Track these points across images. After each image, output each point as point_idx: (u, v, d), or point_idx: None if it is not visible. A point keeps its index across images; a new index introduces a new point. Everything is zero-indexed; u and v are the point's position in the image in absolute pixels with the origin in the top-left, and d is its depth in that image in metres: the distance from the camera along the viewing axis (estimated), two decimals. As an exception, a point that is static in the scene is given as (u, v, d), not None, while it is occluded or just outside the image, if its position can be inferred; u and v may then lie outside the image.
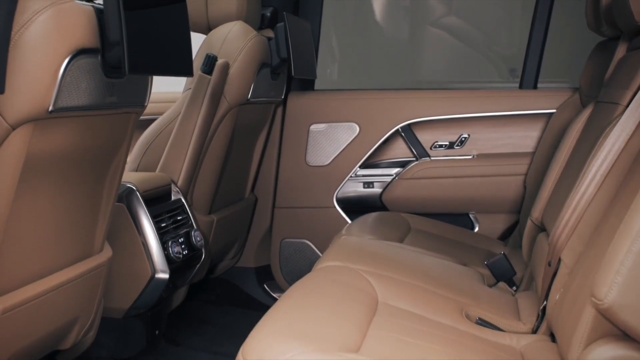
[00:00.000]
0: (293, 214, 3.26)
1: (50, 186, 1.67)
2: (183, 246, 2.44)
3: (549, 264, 1.91)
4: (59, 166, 1.67)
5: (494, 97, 3.15)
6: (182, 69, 1.85)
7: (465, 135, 3.14)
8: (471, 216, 3.15)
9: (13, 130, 1.46)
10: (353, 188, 3.21)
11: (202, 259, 2.58)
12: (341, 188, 3.20)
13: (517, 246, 2.78)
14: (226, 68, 2.57)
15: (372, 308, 1.74)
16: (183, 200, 2.54)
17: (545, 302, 1.88)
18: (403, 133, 3.16)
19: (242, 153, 2.98)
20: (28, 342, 1.76)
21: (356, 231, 2.61)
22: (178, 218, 2.49)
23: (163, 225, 2.39)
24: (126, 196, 2.30)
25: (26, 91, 1.45)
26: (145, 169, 2.64)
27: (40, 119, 1.50)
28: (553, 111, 2.99)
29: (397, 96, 3.22)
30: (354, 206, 3.20)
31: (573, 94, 2.97)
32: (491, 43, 4.36)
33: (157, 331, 2.60)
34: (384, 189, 3.17)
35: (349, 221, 3.12)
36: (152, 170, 2.60)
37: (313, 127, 3.20)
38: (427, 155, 3.16)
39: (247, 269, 3.30)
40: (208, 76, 2.51)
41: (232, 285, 3.28)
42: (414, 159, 3.17)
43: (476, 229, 3.15)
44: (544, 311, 1.88)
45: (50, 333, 1.86)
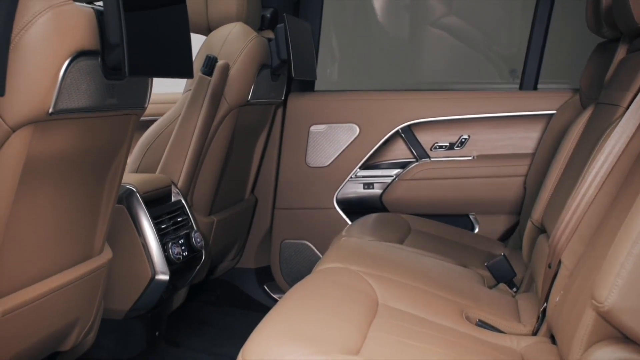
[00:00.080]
0: (293, 215, 3.26)
1: (50, 188, 1.67)
2: (183, 247, 2.44)
3: (549, 266, 1.91)
4: (59, 168, 1.67)
5: (494, 98, 3.15)
6: (182, 71, 1.84)
7: (465, 136, 3.13)
8: (471, 217, 3.15)
9: (13, 132, 1.46)
10: (353, 189, 3.21)
11: (202, 260, 2.58)
12: (341, 189, 3.20)
13: (517, 247, 2.78)
14: (226, 69, 2.57)
15: (373, 310, 1.74)
16: (183, 201, 2.54)
17: (545, 304, 1.88)
18: (403, 134, 3.16)
19: (242, 154, 2.98)
20: (28, 344, 1.76)
21: (356, 232, 2.61)
22: (178, 219, 2.49)
23: (163, 226, 2.39)
24: (126, 197, 2.30)
25: (26, 93, 1.45)
26: (145, 170, 2.64)
27: (40, 121, 1.49)
28: (553, 112, 2.99)
29: (397, 97, 3.22)
30: (354, 207, 3.20)
31: (573, 95, 2.97)
32: (491, 43, 4.35)
33: (157, 332, 2.59)
34: (384, 190, 3.17)
35: (349, 222, 3.12)
36: (153, 171, 2.60)
37: (313, 128, 3.20)
38: (427, 156, 3.16)
39: (247, 270, 3.30)
40: (208, 77, 2.51)
41: (232, 286, 3.28)
42: (414, 160, 3.16)
43: (476, 230, 3.15)
44: (544, 313, 1.88)
45: (50, 335, 1.85)
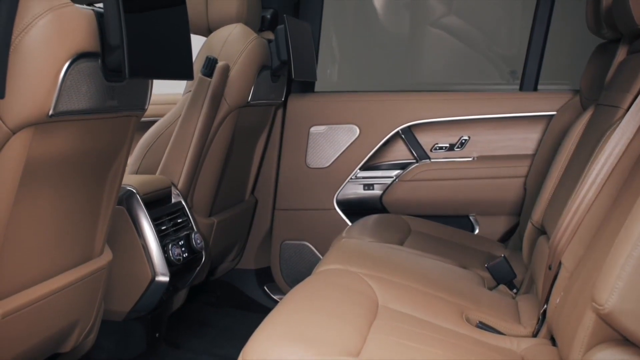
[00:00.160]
0: (293, 216, 3.26)
1: (50, 190, 1.67)
2: (183, 249, 2.44)
3: (550, 268, 1.91)
4: (59, 170, 1.67)
5: (494, 99, 3.15)
6: (183, 72, 1.84)
7: (465, 137, 3.13)
8: (471, 218, 3.15)
9: (13, 134, 1.46)
10: (353, 190, 3.21)
11: (202, 262, 2.58)
12: (341, 190, 3.20)
13: (518, 248, 2.78)
14: (226, 70, 2.57)
15: (373, 311, 1.74)
16: (183, 202, 2.54)
17: (545, 306, 1.88)
18: (403, 135, 3.16)
19: (243, 155, 2.98)
20: (28, 346, 1.76)
21: (356, 233, 2.61)
22: (178, 221, 2.49)
23: (163, 228, 2.39)
24: (126, 199, 2.30)
25: (26, 95, 1.45)
26: (145, 172, 2.64)
27: (40, 123, 1.50)
28: (553, 113, 2.99)
29: (397, 98, 3.21)
30: (354, 208, 3.20)
31: (573, 97, 2.97)
32: (491, 43, 4.35)
33: (158, 334, 2.59)
34: (384, 191, 3.17)
35: (349, 223, 3.12)
36: (153, 172, 2.60)
37: (313, 129, 3.20)
38: (428, 157, 3.16)
39: (248, 271, 3.30)
40: (208, 79, 2.51)
41: (233, 287, 3.28)
42: (414, 161, 3.16)
43: (476, 231, 3.15)
44: (545, 314, 1.88)
45: (50, 336, 1.85)
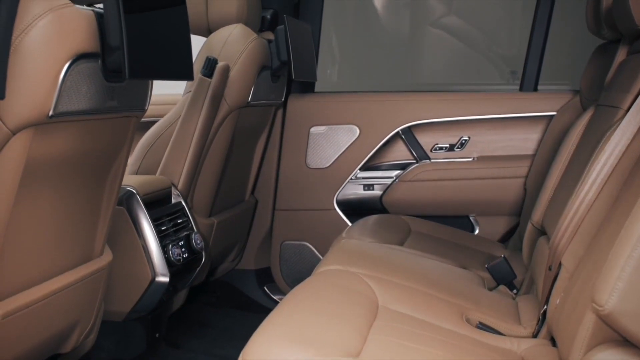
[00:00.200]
0: (293, 217, 3.26)
1: (50, 190, 1.67)
2: (183, 249, 2.44)
3: (550, 268, 1.91)
4: (59, 171, 1.67)
5: (495, 100, 3.15)
6: (183, 73, 1.84)
7: (465, 137, 3.13)
8: (471, 219, 3.15)
9: (13, 135, 1.46)
10: (353, 190, 3.21)
11: (203, 262, 2.58)
12: (341, 190, 3.20)
13: (518, 249, 2.78)
14: (226, 71, 2.57)
15: (373, 312, 1.74)
16: (183, 203, 2.54)
17: (545, 306, 1.88)
18: (403, 135, 3.16)
19: (243, 156, 2.98)
20: (28, 346, 1.76)
21: (356, 234, 2.61)
22: (178, 221, 2.49)
23: (163, 228, 2.39)
24: (126, 199, 2.30)
25: (26, 96, 1.44)
26: (145, 172, 2.64)
27: (40, 124, 1.49)
28: (553, 114, 2.99)
29: (398, 98, 3.21)
30: (354, 208, 3.20)
31: (573, 97, 2.97)
32: (492, 44, 4.35)
33: (158, 334, 2.59)
34: (384, 192, 3.17)
35: (349, 223, 3.12)
36: (153, 172, 2.60)
37: (313, 130, 3.20)
38: (428, 157, 3.16)
39: (248, 272, 3.30)
40: (208, 79, 2.51)
41: (233, 287, 3.28)
42: (414, 162, 3.16)
43: (476, 232, 3.15)
44: (545, 315, 1.87)
45: (50, 337, 1.85)
